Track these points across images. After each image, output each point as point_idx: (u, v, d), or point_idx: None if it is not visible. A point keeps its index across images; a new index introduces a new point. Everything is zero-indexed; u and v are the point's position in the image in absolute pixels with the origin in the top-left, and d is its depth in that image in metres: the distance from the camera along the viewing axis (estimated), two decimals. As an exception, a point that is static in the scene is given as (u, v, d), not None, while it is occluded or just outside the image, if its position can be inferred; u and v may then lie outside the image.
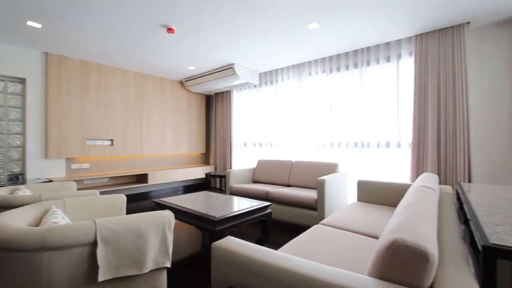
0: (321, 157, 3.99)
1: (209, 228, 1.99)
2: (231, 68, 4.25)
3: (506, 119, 2.81)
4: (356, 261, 1.31)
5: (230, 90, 5.38)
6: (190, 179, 5.53)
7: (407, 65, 3.26)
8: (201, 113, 5.93)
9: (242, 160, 5.26)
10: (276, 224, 3.19)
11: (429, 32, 3.03)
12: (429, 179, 1.80)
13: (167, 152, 5.19)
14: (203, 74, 4.80)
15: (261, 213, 2.40)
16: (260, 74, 4.86)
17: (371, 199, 2.55)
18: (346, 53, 3.73)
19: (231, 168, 5.35)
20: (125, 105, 4.55)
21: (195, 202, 2.50)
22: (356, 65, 3.66)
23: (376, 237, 1.65)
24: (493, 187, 1.86)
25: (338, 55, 3.81)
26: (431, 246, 0.77)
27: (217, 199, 2.62)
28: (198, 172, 5.45)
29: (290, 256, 0.96)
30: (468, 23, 2.81)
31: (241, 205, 2.41)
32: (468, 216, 1.21)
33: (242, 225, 2.18)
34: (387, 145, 3.38)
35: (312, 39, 3.28)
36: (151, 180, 4.56)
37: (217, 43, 3.44)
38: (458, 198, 1.78)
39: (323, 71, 3.99)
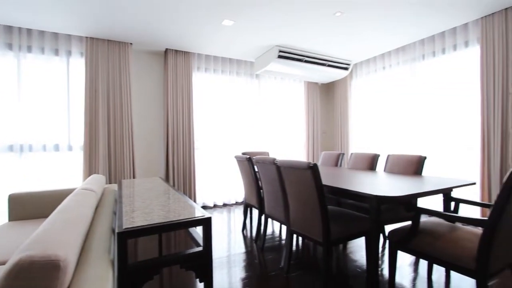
0: None
1: None
2: None
3: (157, 126, 3.71)
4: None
5: None
6: None
7: (79, 66, 3.14)
8: None
9: None
10: None
11: (99, 39, 3.15)
12: (93, 180, 1.85)
13: None
14: None
15: None
16: None
17: (29, 214, 2.10)
18: (7, 27, 2.77)
19: None
20: None
21: None
22: (11, 47, 2.84)
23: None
24: (144, 179, 2.35)
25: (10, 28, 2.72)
26: (64, 251, 0.77)
27: None
28: None
29: None
30: (131, 43, 3.32)
31: None
32: (116, 208, 1.40)
33: None
34: (56, 148, 3.01)
35: None
36: None
37: None
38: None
39: None
